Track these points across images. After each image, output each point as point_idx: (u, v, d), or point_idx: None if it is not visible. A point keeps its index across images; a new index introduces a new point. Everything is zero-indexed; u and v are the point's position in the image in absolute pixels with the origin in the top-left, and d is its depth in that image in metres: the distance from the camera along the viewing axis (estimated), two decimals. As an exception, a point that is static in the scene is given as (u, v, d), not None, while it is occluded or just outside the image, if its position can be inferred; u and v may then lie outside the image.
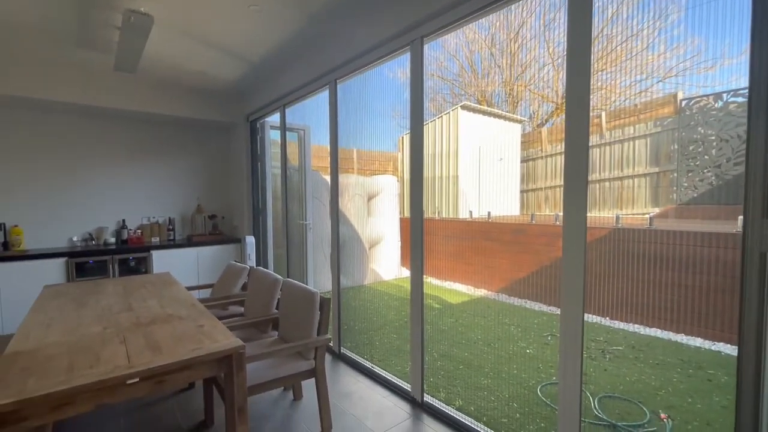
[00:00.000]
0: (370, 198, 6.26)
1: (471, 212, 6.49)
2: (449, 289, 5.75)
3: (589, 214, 1.61)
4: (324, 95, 3.30)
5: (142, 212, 4.46)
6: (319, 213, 5.20)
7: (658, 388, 2.56)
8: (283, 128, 3.90)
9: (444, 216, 7.02)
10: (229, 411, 1.61)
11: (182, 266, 4.18)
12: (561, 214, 1.63)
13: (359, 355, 2.99)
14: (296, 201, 4.75)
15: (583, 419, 2.21)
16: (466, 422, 2.09)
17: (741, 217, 1.29)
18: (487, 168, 7.07)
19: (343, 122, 3.29)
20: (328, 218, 5.22)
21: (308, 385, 2.47)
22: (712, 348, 3.35)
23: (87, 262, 3.74)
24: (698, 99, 5.46)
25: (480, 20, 2.15)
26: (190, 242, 4.37)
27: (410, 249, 2.41)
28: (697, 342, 3.48)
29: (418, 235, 2.39)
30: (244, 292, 2.95)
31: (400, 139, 7.40)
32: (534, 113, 8.37)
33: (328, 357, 3.09)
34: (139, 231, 4.28)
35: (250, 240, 4.24)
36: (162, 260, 4.08)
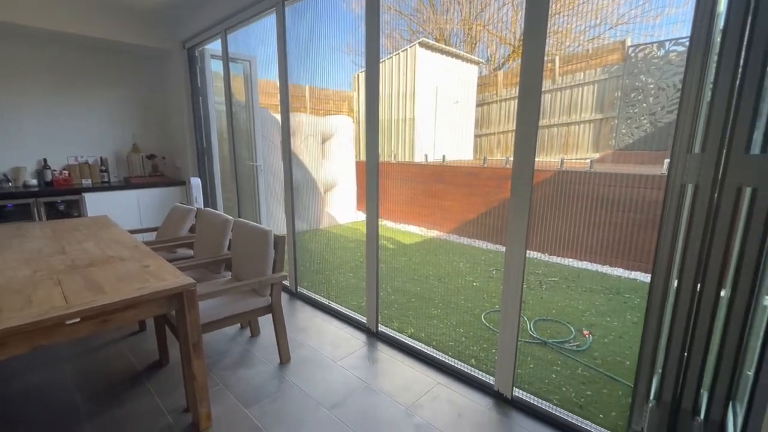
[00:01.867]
0: (324, 140, 6.05)
1: (426, 156, 6.53)
2: (404, 231, 5.93)
3: (537, 159, 1.67)
4: (271, 21, 2.99)
5: (68, 151, 3.99)
6: (270, 154, 4.96)
7: (584, 311, 2.91)
8: (226, 58, 3.53)
9: (400, 159, 7.02)
10: (184, 347, 1.60)
11: (121, 210, 3.89)
12: (511, 158, 1.67)
13: (316, 293, 3.07)
14: (245, 141, 4.48)
15: (519, 339, 2.48)
16: (417, 346, 2.27)
17: (667, 161, 1.40)
18: (444, 111, 7.03)
19: (293, 54, 3.03)
20: (280, 160, 5.01)
21: (266, 323, 2.51)
22: (630, 276, 3.82)
23: (5, 206, 3.34)
24: (643, 47, 5.64)
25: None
26: (128, 184, 4.03)
27: (365, 192, 2.40)
28: (619, 272, 3.94)
29: (373, 178, 2.38)
30: (193, 234, 2.84)
31: (355, 77, 7.05)
32: (491, 56, 8.24)
33: (285, 296, 3.13)
34: (66, 172, 3.86)
35: (196, 182, 3.99)
36: (97, 204, 3.75)
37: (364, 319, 2.56)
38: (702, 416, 1.37)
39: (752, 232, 1.23)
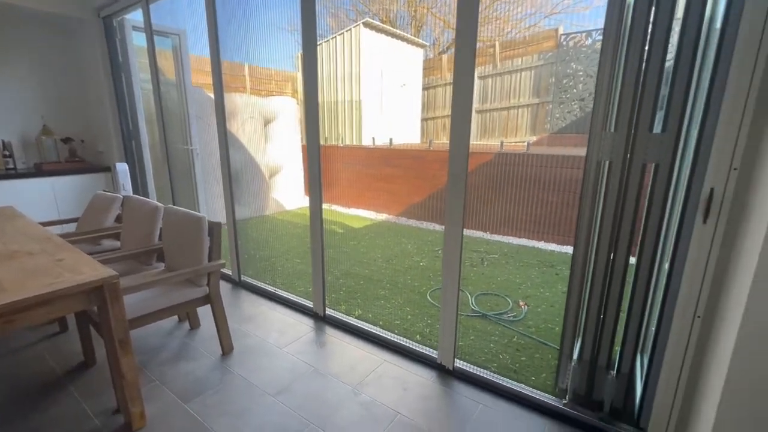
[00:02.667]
0: (267, 122, 5.79)
1: (374, 139, 6.52)
2: (353, 215, 5.91)
3: (479, 142, 1.72)
4: (199, -10, 2.76)
5: (-42, 133, 3.45)
6: (207, 137, 4.66)
7: (521, 284, 3.11)
8: (149, 30, 3.21)
9: (348, 143, 6.93)
10: (109, 345, 1.48)
11: (32, 201, 3.46)
12: None
13: (261, 281, 2.97)
14: (178, 123, 4.16)
15: (460, 313, 2.60)
16: (364, 327, 2.30)
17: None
18: (390, 93, 7.01)
19: (226, 29, 2.84)
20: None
21: (207, 314, 2.40)
22: (562, 250, 4.13)
23: None
24: (574, 36, 5.99)
25: None
26: (39, 171, 3.59)
27: (308, 177, 2.34)
28: (552, 246, 4.25)
29: (315, 162, 2.32)
30: (119, 224, 2.60)
31: (298, 56, 6.77)
32: (436, 39, 8.32)
33: (228, 286, 3.01)
34: (-42, 158, 3.34)
35: (122, 168, 3.65)
36: (1, 194, 3.31)
37: (311, 304, 2.54)
38: (615, 370, 1.54)
39: (654, 204, 1.37)
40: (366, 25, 6.34)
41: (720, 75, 1.15)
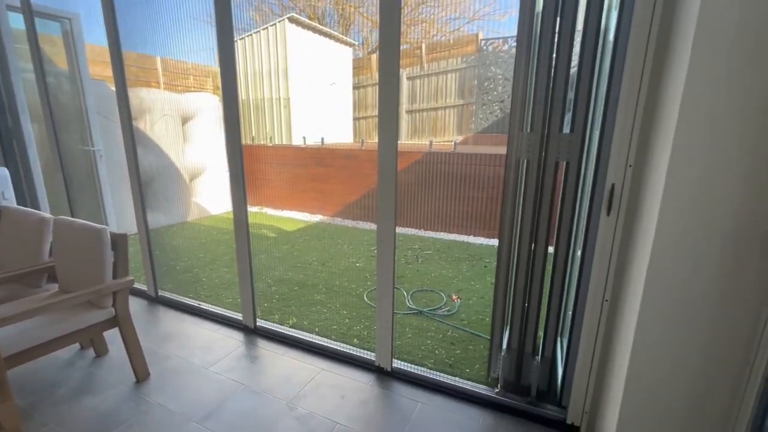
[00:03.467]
0: (185, 120, 5.32)
1: (304, 138, 6.33)
2: (285, 217, 5.69)
3: (410, 141, 1.73)
4: (91, -31, 2.41)
5: None
6: (114, 137, 4.13)
7: (452, 278, 3.23)
8: (28, 8, 2.75)
9: (277, 142, 6.65)
10: (-20, 390, 1.22)
11: None
12: None
13: (183, 295, 2.71)
14: (75, 120, 3.64)
15: (397, 312, 2.62)
16: (299, 335, 2.20)
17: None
18: (320, 92, 6.86)
19: (129, 16, 2.53)
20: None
21: (116, 338, 2.11)
22: (489, 243, 4.37)
23: None
24: (493, 41, 6.35)
25: None
26: None
27: (230, 178, 2.17)
28: (480, 240, 4.48)
29: (237, 162, 2.16)
30: (-4, 241, 2.19)
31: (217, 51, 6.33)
32: (365, 39, 8.32)
33: (142, 303, 2.69)
34: None
35: (2, 173, 3.08)
36: None
37: (240, 317, 2.37)
38: (540, 355, 1.65)
39: (567, 199, 1.48)
40: (291, 20, 6.13)
41: (615, 81, 1.27)
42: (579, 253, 1.47)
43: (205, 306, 2.56)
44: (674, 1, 1.08)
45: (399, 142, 1.73)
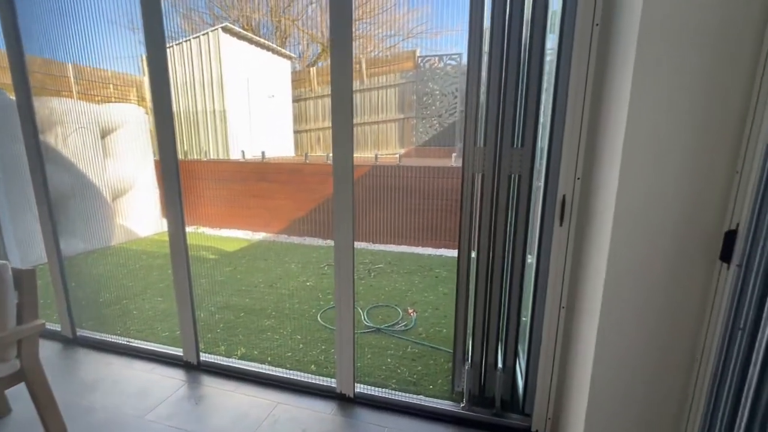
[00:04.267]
0: (105, 133, 4.80)
1: (243, 152, 6.02)
2: (227, 237, 5.33)
3: (355, 154, 1.69)
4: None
5: None
6: (16, 154, 3.57)
7: (406, 291, 3.22)
8: None
9: (213, 157, 6.25)
10: None
11: None
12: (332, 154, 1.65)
13: (108, 333, 2.37)
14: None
15: (356, 332, 2.53)
16: (249, 368, 2.02)
17: (454, 155, 1.62)
18: (259, 104, 6.61)
19: (31, 15, 2.22)
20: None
21: (21, 394, 1.77)
22: (437, 253, 4.46)
23: None
24: (429, 58, 6.62)
25: None
26: None
27: (165, 197, 1.96)
28: (429, 251, 4.55)
29: (173, 178, 1.96)
30: None
31: (142, 59, 5.88)
32: (303, 52, 8.21)
33: (56, 346, 2.31)
34: None
35: None
36: None
37: (180, 352, 2.12)
38: (502, 365, 1.67)
39: (520, 210, 1.53)
40: (226, 30, 5.85)
41: (560, 98, 1.35)
42: (534, 262, 1.52)
43: (136, 343, 2.26)
44: (611, 24, 1.17)
45: None
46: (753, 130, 0.88)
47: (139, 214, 5.18)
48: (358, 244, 4.79)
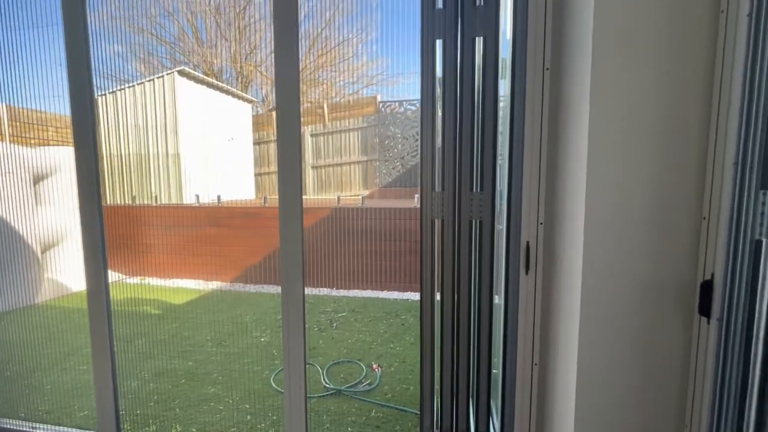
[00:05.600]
0: (39, 179, 4.39)
1: (198, 197, 5.71)
2: (174, 287, 4.88)
3: (317, 196, 1.59)
4: None
5: None
6: None
7: (371, 342, 2.99)
8: None
9: (163, 202, 5.88)
10: None
11: None
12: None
13: (6, 417, 1.95)
14: None
15: (311, 395, 2.26)
16: (184, 452, 1.70)
17: (417, 195, 1.55)
18: (217, 148, 6.42)
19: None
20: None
21: None
22: (403, 297, 4.29)
23: None
24: (389, 103, 6.84)
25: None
26: None
27: (83, 246, 1.72)
28: (395, 295, 4.38)
29: (95, 224, 1.73)
30: None
31: (96, 100, 5.62)
32: (266, 97, 8.25)
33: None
34: None
35: None
36: None
37: (97, 437, 1.76)
38: (475, 429, 1.49)
39: (484, 258, 1.44)
40: (182, 74, 5.74)
41: (516, 141, 1.31)
42: (502, 304, 1.41)
43: (42, 428, 1.87)
44: (561, 67, 1.16)
45: (306, 197, 1.57)
46: (715, 173, 0.85)
47: (73, 266, 4.67)
48: (319, 291, 4.55)
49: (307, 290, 4.76)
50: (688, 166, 0.89)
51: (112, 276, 4.91)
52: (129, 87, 5.74)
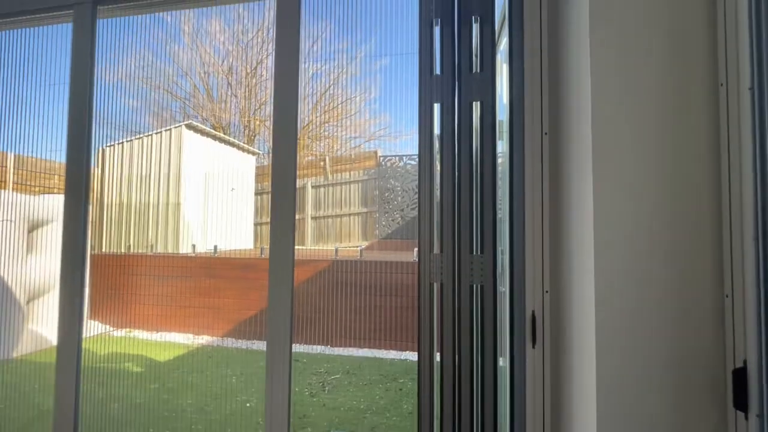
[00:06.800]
0: (34, 227, 4.36)
1: (194, 246, 5.64)
2: (161, 341, 4.64)
3: (316, 247, 1.57)
4: None
5: None
6: None
7: (365, 411, 2.76)
8: None
9: (159, 251, 5.81)
10: None
11: None
12: (300, 246, 1.51)
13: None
14: None
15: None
16: None
17: (416, 249, 1.49)
18: (218, 198, 6.47)
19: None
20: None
21: None
22: (402, 357, 4.05)
23: None
24: (390, 158, 7.03)
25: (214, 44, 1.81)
26: None
27: (60, 297, 1.63)
28: (392, 354, 4.14)
29: (75, 276, 1.66)
30: None
31: (100, 151, 5.80)
32: (270, 149, 8.51)
33: None
34: None
35: None
36: None
37: None
38: None
39: (486, 325, 1.34)
40: (189, 127, 5.95)
41: (517, 203, 1.27)
42: (507, 391, 1.28)
43: None
44: (561, 133, 1.15)
45: (304, 248, 1.55)
46: (734, 245, 0.79)
47: (56, 318, 4.47)
48: (313, 348, 4.32)
49: (301, 347, 4.53)
50: (703, 235, 0.84)
51: (99, 328, 4.69)
52: (137, 138, 5.92)
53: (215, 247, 5.58)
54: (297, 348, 4.25)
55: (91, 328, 4.60)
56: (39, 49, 2.41)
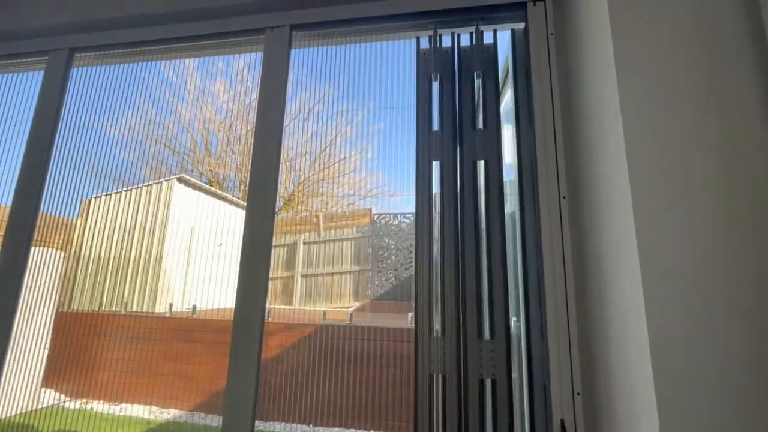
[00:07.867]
0: (-4, 282, 4.00)
1: (171, 305, 5.25)
2: (122, 416, 4.09)
3: (304, 307, 1.38)
4: None
5: None
6: None
7: None
8: None
9: (134, 309, 5.39)
10: None
11: None
12: (291, 306, 1.32)
13: None
14: None
15: None
16: None
17: (411, 314, 1.26)
18: (202, 253, 6.20)
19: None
20: None
21: None
22: (394, 441, 3.55)
23: None
24: (384, 216, 6.98)
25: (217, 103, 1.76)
26: None
27: None
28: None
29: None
30: None
31: (86, 201, 5.63)
32: (246, 201, 8.45)
33: None
34: None
35: None
36: None
37: None
38: None
39: (500, 421, 1.07)
40: (180, 180, 5.85)
41: (531, 277, 1.07)
42: None
43: None
44: (582, 198, 0.98)
45: (291, 307, 1.37)
46: None
47: (9, 385, 3.98)
48: (293, 427, 3.81)
49: (280, 426, 4.02)
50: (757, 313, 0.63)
51: (50, 398, 4.15)
52: (126, 191, 5.78)
53: (194, 306, 5.19)
54: (273, 426, 3.73)
55: (44, 398, 4.07)
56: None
